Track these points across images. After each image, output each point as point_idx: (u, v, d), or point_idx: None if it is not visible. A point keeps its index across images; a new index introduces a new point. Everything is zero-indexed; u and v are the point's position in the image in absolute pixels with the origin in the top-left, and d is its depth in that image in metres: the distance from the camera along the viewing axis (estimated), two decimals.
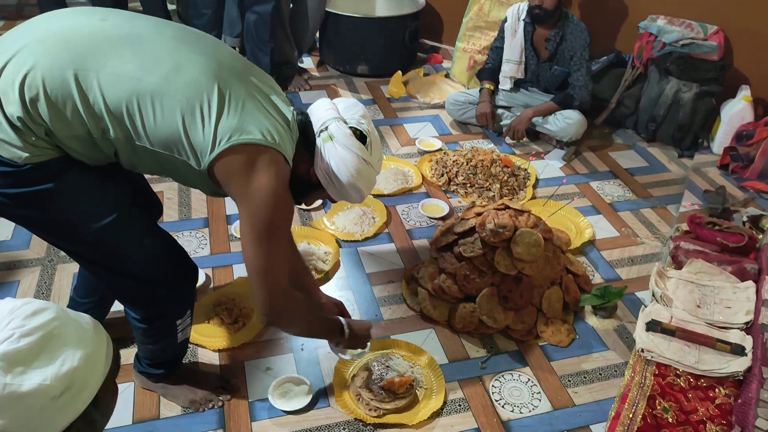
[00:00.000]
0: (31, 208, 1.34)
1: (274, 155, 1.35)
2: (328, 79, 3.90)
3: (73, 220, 1.37)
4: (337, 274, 2.31)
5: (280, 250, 1.43)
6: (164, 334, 1.62)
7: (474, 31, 3.72)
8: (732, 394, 1.76)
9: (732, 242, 2.28)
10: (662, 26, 3.18)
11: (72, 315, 1.07)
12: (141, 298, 1.54)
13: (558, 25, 3.00)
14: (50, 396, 0.96)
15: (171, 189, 2.69)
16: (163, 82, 1.28)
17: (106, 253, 1.44)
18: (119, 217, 1.40)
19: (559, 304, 2.13)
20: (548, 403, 1.87)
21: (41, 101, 1.23)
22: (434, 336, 2.08)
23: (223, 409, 1.78)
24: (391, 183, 2.80)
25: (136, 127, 1.29)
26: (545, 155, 3.17)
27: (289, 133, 1.43)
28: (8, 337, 0.95)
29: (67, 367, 0.98)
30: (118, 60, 1.27)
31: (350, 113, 1.54)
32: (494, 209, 2.15)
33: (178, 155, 1.33)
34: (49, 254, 2.28)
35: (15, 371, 0.94)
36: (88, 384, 1.02)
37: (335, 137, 1.47)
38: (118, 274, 1.48)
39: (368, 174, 1.52)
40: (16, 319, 0.98)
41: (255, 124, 1.32)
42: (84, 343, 1.03)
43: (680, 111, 3.16)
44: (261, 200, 1.33)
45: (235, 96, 1.33)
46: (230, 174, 1.33)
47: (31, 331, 0.97)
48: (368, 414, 1.77)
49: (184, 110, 1.28)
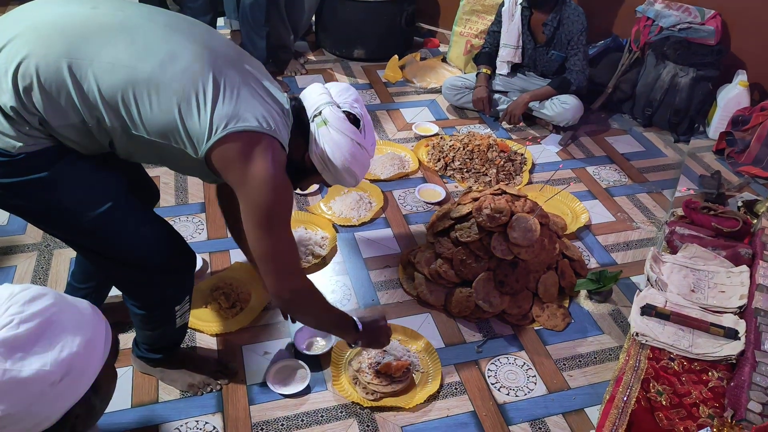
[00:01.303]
0: (26, 198, 1.33)
1: (271, 141, 1.35)
2: (325, 63, 3.88)
3: (68, 209, 1.36)
4: (334, 259, 2.31)
5: (284, 234, 1.43)
6: (163, 320, 1.62)
7: (471, 15, 3.70)
8: (725, 378, 1.78)
9: (727, 227, 2.30)
10: (660, 10, 3.17)
11: (70, 300, 1.07)
12: (138, 286, 1.54)
13: (555, 9, 2.99)
14: (50, 381, 0.97)
15: (167, 174, 2.68)
16: (157, 70, 1.27)
17: (103, 241, 1.44)
18: (115, 206, 1.40)
19: (554, 289, 2.14)
20: (543, 387, 1.89)
21: (35, 90, 1.22)
22: (431, 320, 2.09)
23: (221, 393, 1.79)
24: (387, 168, 2.80)
25: (131, 116, 1.29)
26: (542, 140, 3.16)
27: (285, 119, 1.44)
28: (7, 323, 0.96)
29: (66, 352, 0.99)
30: (111, 49, 1.26)
31: (343, 97, 1.53)
32: (491, 194, 2.16)
33: (175, 144, 1.32)
34: (46, 239, 2.28)
35: (14, 357, 0.94)
36: (87, 369, 1.03)
37: (329, 122, 1.47)
38: (115, 262, 1.48)
39: (362, 158, 1.53)
40: (14, 305, 0.98)
41: (251, 110, 1.32)
42: (83, 329, 1.04)
43: (677, 96, 3.16)
44: (260, 187, 1.33)
45: (230, 83, 1.32)
46: (227, 162, 1.33)
47: (30, 317, 0.98)
48: (365, 397, 1.78)
49: (179, 99, 1.28)
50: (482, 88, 3.21)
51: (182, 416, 1.72)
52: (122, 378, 1.80)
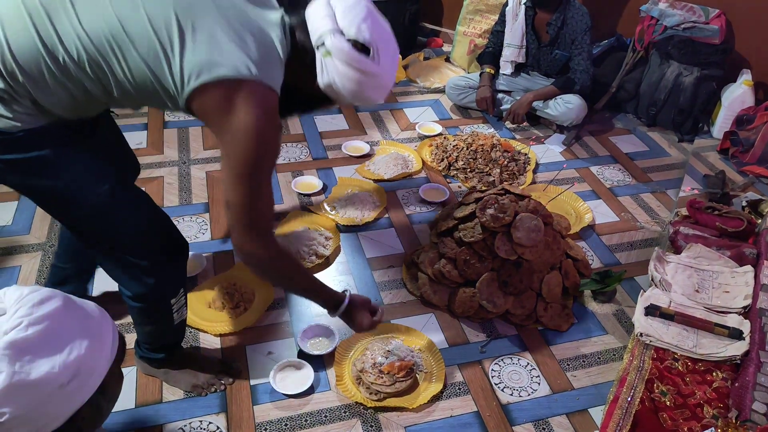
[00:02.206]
0: (27, 175, 1.34)
1: (253, 88, 1.25)
2: None
3: (68, 187, 1.36)
4: (338, 259, 2.31)
5: (263, 187, 1.36)
6: (160, 314, 1.60)
7: (474, 15, 3.70)
8: (729, 378, 1.78)
9: (731, 227, 2.29)
10: (664, 10, 3.16)
11: (78, 303, 1.07)
12: (131, 270, 1.50)
13: (559, 9, 2.98)
14: (58, 384, 0.97)
15: (171, 174, 2.69)
16: (121, 26, 1.22)
17: (99, 222, 1.42)
18: (114, 187, 1.39)
19: (558, 289, 2.14)
20: (547, 387, 1.89)
21: (17, 73, 1.22)
22: (434, 320, 2.09)
23: (225, 393, 1.79)
24: (391, 168, 2.80)
25: (109, 81, 1.27)
26: (545, 140, 3.16)
27: (276, 54, 1.32)
28: (16, 325, 0.96)
29: (75, 355, 0.99)
30: (73, 13, 1.22)
31: (349, 19, 1.32)
32: (494, 194, 2.16)
33: (158, 98, 1.30)
34: (50, 239, 2.29)
35: (23, 360, 0.95)
36: (95, 371, 1.03)
37: (333, 53, 1.30)
38: (109, 244, 1.47)
39: (377, 84, 1.37)
40: (23, 307, 0.98)
41: (227, 55, 1.22)
42: (91, 331, 1.04)
43: (681, 95, 3.15)
44: (242, 140, 1.26)
45: (201, 26, 1.22)
46: (206, 114, 1.27)
47: (39, 320, 0.98)
48: (369, 397, 1.78)
49: (146, 54, 1.22)
50: (486, 87, 3.21)
51: (186, 416, 1.72)
52: (126, 378, 1.79)
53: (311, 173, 2.77)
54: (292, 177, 2.72)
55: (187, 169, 2.74)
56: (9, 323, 0.96)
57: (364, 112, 3.32)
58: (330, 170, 2.81)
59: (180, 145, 2.91)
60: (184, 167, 2.75)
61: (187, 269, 2.15)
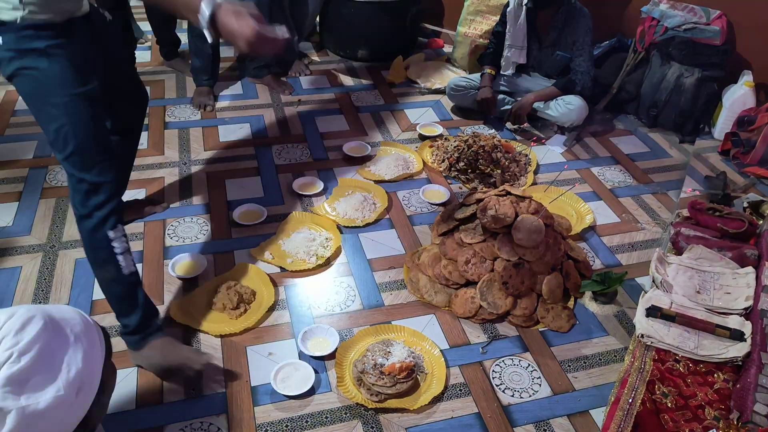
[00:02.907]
0: (22, 64, 1.55)
1: None
2: (329, 64, 3.88)
3: (47, 83, 1.57)
4: (339, 260, 2.31)
5: None
6: (100, 249, 1.67)
7: (475, 16, 3.70)
8: (731, 379, 1.78)
9: (732, 228, 2.29)
10: (665, 11, 3.16)
11: (57, 315, 1.06)
12: (77, 185, 1.64)
13: (561, 10, 2.98)
14: (68, 402, 0.98)
15: (172, 175, 2.69)
16: None
17: (62, 121, 1.59)
18: (72, 97, 1.58)
19: (559, 290, 2.14)
20: (548, 388, 1.89)
21: None
22: (435, 321, 2.09)
23: (225, 394, 1.79)
24: (392, 169, 2.80)
25: None
26: (546, 141, 3.16)
27: None
28: (7, 358, 0.94)
29: (74, 370, 1.00)
30: None
31: None
32: (495, 195, 2.16)
33: None
34: (51, 240, 2.29)
35: (27, 392, 0.94)
36: (94, 377, 1.06)
37: None
38: (62, 141, 1.61)
39: None
40: (8, 336, 0.96)
41: None
42: (80, 341, 1.04)
43: (682, 96, 3.15)
44: None
45: None
46: None
47: (28, 347, 0.96)
48: (369, 399, 1.78)
49: None
50: (487, 88, 3.21)
51: (187, 417, 1.72)
52: (127, 379, 1.80)
53: (312, 174, 2.77)
54: (292, 178, 2.72)
55: (188, 170, 2.74)
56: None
57: (365, 113, 3.32)
58: (331, 171, 2.81)
59: (181, 146, 2.91)
60: (184, 168, 2.75)
61: (188, 270, 2.17)
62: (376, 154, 2.94)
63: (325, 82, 3.64)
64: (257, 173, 2.76)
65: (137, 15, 3.78)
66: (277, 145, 2.97)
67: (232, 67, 3.68)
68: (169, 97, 3.34)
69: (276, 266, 2.25)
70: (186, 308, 2.03)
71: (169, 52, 3.58)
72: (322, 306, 2.11)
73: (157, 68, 3.63)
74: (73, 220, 2.36)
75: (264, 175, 2.75)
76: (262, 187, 2.67)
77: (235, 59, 3.69)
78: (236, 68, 3.66)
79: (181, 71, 3.56)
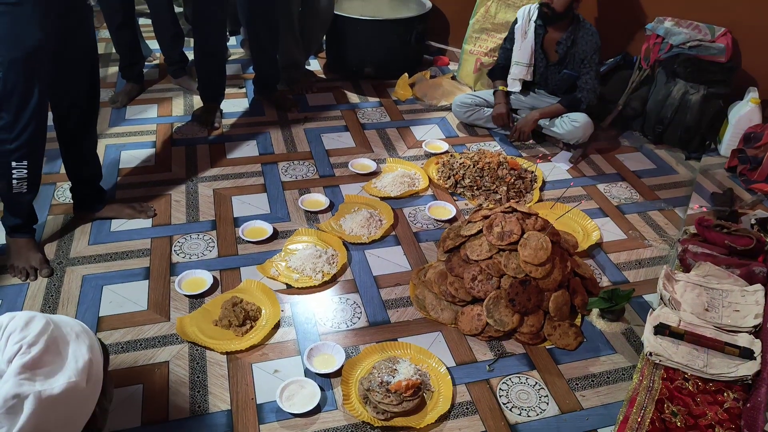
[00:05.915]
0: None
1: None
2: (335, 81, 3.91)
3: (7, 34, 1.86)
4: (345, 276, 2.31)
5: None
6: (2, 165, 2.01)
7: (481, 33, 3.72)
8: (741, 398, 1.76)
9: (740, 245, 2.28)
10: (669, 28, 3.18)
11: (56, 318, 1.14)
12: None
13: (570, 29, 3.00)
14: (80, 389, 1.04)
15: (179, 192, 2.70)
16: None
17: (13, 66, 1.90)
18: (15, 60, 1.87)
19: (566, 307, 2.12)
20: (556, 407, 1.87)
21: None
22: (441, 339, 2.08)
23: (231, 412, 1.78)
24: (397, 185, 2.81)
25: None
26: (552, 158, 3.16)
27: None
28: (17, 350, 0.99)
29: (82, 361, 1.05)
30: None
31: None
32: (501, 212, 2.16)
33: None
34: (58, 257, 2.29)
35: (41, 378, 0.98)
36: (98, 371, 1.14)
37: None
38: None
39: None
40: (13, 333, 1.02)
41: None
42: (81, 337, 1.12)
43: (687, 113, 3.15)
44: None
45: None
46: None
47: (36, 339, 1.02)
48: (375, 417, 1.77)
49: None
50: (502, 104, 3.21)
51: None
52: (132, 395, 1.80)
53: (318, 191, 2.78)
54: (299, 194, 2.73)
55: (195, 187, 2.75)
56: (8, 351, 0.99)
57: (371, 131, 3.33)
58: (337, 188, 2.81)
59: (187, 163, 2.92)
60: (191, 185, 2.76)
61: (195, 287, 2.18)
62: (382, 171, 2.95)
63: (332, 99, 3.66)
64: (264, 190, 2.77)
65: (145, 33, 3.82)
66: (284, 162, 2.98)
67: (239, 84, 3.71)
68: (176, 114, 3.36)
69: (282, 283, 2.25)
70: (192, 325, 2.03)
71: (177, 69, 3.62)
72: (328, 323, 2.11)
73: (164, 86, 3.66)
74: (80, 237, 2.38)
75: (270, 192, 2.76)
76: (269, 203, 2.68)
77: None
78: (243, 86, 3.70)
79: (188, 89, 3.59)
